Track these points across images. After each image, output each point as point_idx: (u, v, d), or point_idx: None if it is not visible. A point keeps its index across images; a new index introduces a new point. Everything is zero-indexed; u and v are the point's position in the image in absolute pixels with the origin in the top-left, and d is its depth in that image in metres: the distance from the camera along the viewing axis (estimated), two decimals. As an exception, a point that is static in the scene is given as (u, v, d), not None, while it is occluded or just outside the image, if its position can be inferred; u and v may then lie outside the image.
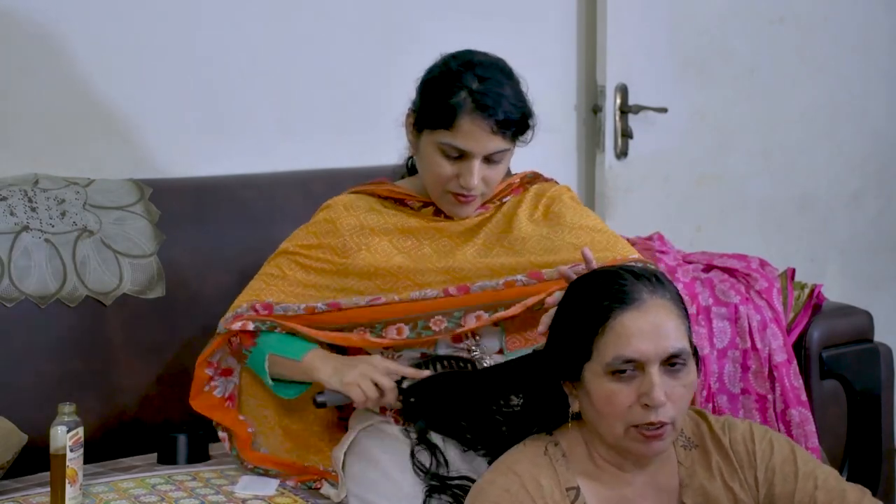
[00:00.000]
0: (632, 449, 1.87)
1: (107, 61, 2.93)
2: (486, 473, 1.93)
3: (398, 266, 2.36)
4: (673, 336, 1.85)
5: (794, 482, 1.92)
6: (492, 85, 2.26)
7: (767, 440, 1.96)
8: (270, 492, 2.34)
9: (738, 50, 3.81)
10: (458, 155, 2.28)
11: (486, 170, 2.30)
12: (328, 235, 2.41)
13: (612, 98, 3.56)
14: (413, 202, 2.42)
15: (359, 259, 2.37)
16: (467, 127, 2.25)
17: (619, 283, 1.89)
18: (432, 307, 2.28)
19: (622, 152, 3.60)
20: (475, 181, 2.29)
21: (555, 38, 3.60)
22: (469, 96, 2.24)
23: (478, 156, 2.27)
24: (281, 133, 3.18)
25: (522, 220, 2.42)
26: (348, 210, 2.42)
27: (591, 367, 1.87)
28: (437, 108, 2.27)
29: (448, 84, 2.27)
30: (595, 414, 1.88)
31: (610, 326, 1.85)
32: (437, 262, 2.36)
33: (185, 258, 2.76)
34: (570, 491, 1.89)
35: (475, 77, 2.26)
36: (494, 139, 2.27)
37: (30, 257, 2.57)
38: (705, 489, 1.94)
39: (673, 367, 1.85)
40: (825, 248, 4.06)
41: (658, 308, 1.87)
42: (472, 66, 2.28)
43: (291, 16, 3.17)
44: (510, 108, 2.27)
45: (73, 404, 2.19)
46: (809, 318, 2.90)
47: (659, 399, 1.82)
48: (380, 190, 2.44)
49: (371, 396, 2.20)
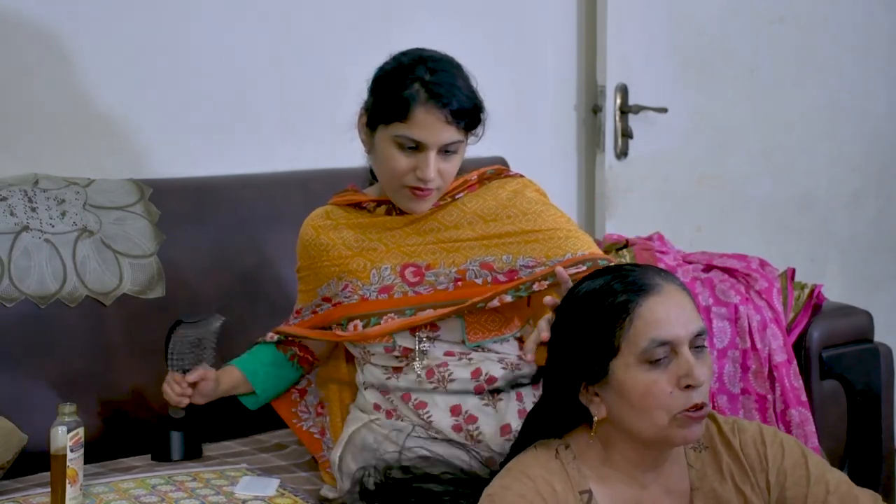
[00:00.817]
0: (674, 438, 1.84)
1: (107, 62, 2.93)
2: (497, 479, 1.90)
3: (354, 259, 2.40)
4: (694, 316, 1.86)
5: (805, 486, 1.90)
6: (443, 77, 2.28)
7: (778, 443, 1.95)
8: (270, 492, 2.34)
9: (738, 50, 3.81)
10: (413, 146, 2.29)
11: (442, 162, 2.31)
12: (304, 258, 2.49)
13: (612, 98, 3.56)
14: (368, 204, 2.44)
15: (324, 271, 2.44)
16: (422, 117, 2.26)
17: (629, 276, 1.87)
18: (391, 304, 2.35)
19: (622, 152, 3.60)
20: (432, 173, 2.29)
21: (555, 38, 3.60)
22: (422, 87, 2.26)
23: (433, 147, 2.28)
24: (281, 133, 3.18)
25: (467, 217, 2.41)
26: (309, 225, 2.48)
27: (621, 362, 1.84)
28: (390, 102, 2.29)
29: (400, 77, 2.29)
30: (632, 410, 1.85)
31: (637, 315, 1.83)
32: (389, 248, 2.40)
33: (185, 258, 2.76)
34: (583, 494, 1.87)
35: (427, 69, 2.28)
36: (449, 129, 2.28)
37: (30, 257, 2.57)
38: (717, 492, 1.92)
39: (698, 350, 1.85)
40: (825, 248, 4.06)
41: (675, 292, 1.86)
42: (423, 60, 2.31)
43: (291, 16, 3.17)
44: (463, 98, 2.28)
45: (73, 404, 2.18)
46: (809, 318, 2.90)
47: (700, 376, 1.81)
48: (339, 200, 2.49)
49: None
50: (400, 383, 2.33)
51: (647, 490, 1.91)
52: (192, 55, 3.04)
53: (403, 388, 2.33)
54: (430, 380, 2.31)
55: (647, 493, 1.91)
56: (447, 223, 2.40)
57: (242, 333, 2.75)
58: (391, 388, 2.34)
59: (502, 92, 3.37)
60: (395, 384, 2.34)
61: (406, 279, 2.36)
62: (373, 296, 2.36)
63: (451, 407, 2.29)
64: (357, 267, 2.39)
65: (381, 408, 2.35)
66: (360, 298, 2.37)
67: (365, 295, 2.36)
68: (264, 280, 2.83)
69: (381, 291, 2.36)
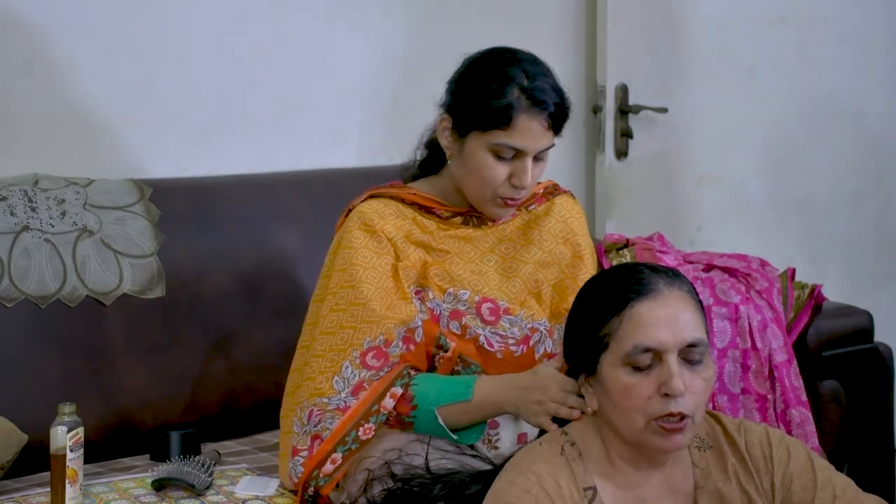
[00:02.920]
0: (651, 443, 1.85)
1: (107, 61, 2.93)
2: (503, 474, 1.90)
3: (431, 266, 2.33)
4: (691, 326, 1.85)
5: (812, 491, 1.90)
6: (539, 80, 2.23)
7: (785, 446, 1.95)
8: (270, 492, 2.34)
9: (738, 50, 3.81)
10: (511, 155, 2.24)
11: (534, 168, 2.27)
12: (374, 254, 2.28)
13: (612, 98, 3.56)
14: (441, 211, 2.36)
15: (406, 272, 2.30)
16: (525, 124, 2.21)
17: (635, 275, 1.88)
18: None
19: (622, 152, 3.60)
20: (529, 178, 2.26)
21: (555, 38, 3.60)
22: (522, 93, 2.21)
23: (532, 153, 2.24)
24: (281, 133, 3.18)
25: (548, 242, 2.40)
26: (382, 217, 2.31)
27: (608, 359, 1.86)
28: (488, 108, 2.22)
29: (498, 81, 2.22)
30: (613, 408, 1.87)
31: (627, 316, 1.84)
32: (465, 262, 2.34)
33: (185, 258, 2.76)
34: (588, 491, 1.87)
35: (523, 72, 2.23)
36: (547, 135, 2.25)
37: (30, 257, 2.57)
38: (721, 492, 1.92)
39: (691, 361, 1.84)
40: (825, 248, 4.06)
41: (675, 299, 1.86)
42: (516, 61, 2.25)
43: (291, 16, 3.17)
44: (559, 99, 2.25)
45: (73, 404, 2.18)
46: (809, 318, 2.90)
47: (678, 387, 1.80)
48: (405, 195, 2.36)
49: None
50: None
51: (651, 488, 1.91)
52: (192, 55, 3.04)
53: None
54: None
55: (651, 490, 1.91)
56: (525, 241, 2.38)
57: (242, 333, 2.76)
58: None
59: (502, 92, 3.37)
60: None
61: (481, 315, 2.30)
62: (445, 318, 2.28)
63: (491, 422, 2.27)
64: (433, 274, 2.31)
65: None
66: (430, 312, 2.29)
67: (434, 310, 2.28)
68: (264, 280, 2.83)
69: (451, 316, 2.29)
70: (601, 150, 3.60)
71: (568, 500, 1.84)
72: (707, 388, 1.86)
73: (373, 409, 2.20)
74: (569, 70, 3.63)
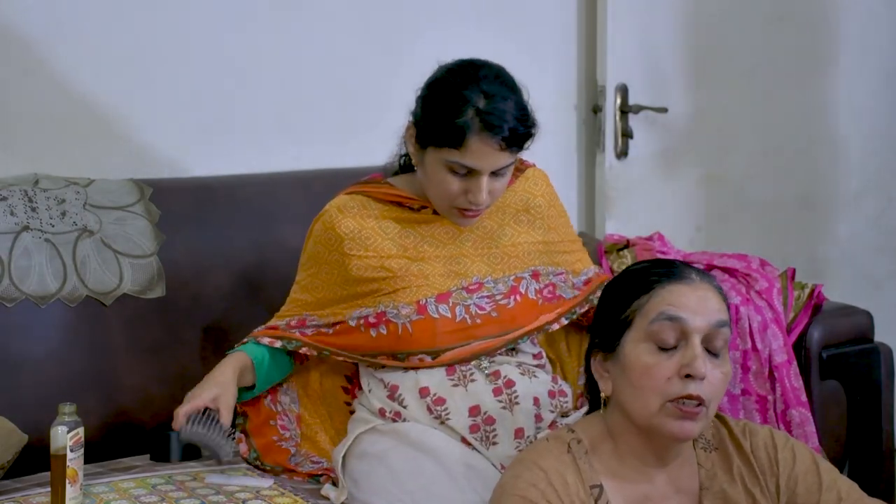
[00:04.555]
0: (664, 428, 1.84)
1: (107, 61, 2.93)
2: (509, 468, 1.91)
3: (401, 266, 2.37)
4: (718, 310, 1.86)
5: (817, 493, 1.91)
6: (497, 102, 2.24)
7: (789, 448, 1.95)
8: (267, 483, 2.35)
9: (738, 50, 3.80)
10: (465, 172, 2.27)
11: (493, 183, 2.30)
12: (326, 251, 2.41)
13: (612, 98, 3.56)
14: (411, 203, 2.41)
15: (361, 262, 2.38)
16: (476, 146, 2.24)
17: (669, 265, 1.91)
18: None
19: (622, 152, 3.60)
20: (484, 196, 2.29)
21: (555, 38, 3.60)
22: (476, 116, 2.23)
23: (486, 172, 2.27)
24: (281, 133, 3.18)
25: (510, 220, 2.46)
26: (343, 213, 2.40)
27: (631, 335, 1.87)
28: (443, 127, 2.24)
29: (454, 102, 2.24)
30: (630, 389, 1.86)
31: (656, 292, 1.86)
32: (439, 259, 2.38)
33: (185, 258, 2.76)
34: (594, 489, 1.88)
35: (481, 93, 2.24)
36: (502, 155, 2.26)
37: (30, 257, 2.57)
38: (726, 493, 1.92)
39: (713, 353, 1.85)
40: (825, 248, 4.06)
41: (706, 288, 1.88)
42: (477, 80, 2.26)
43: (292, 16, 3.17)
44: (516, 123, 2.25)
45: (73, 404, 2.18)
46: (809, 318, 2.90)
47: (700, 369, 1.81)
48: (375, 192, 2.42)
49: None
50: (420, 378, 2.33)
51: (657, 487, 1.91)
52: (192, 55, 3.04)
53: (423, 383, 2.32)
54: (450, 377, 2.32)
55: (657, 489, 1.91)
56: (494, 223, 2.43)
57: (242, 333, 2.75)
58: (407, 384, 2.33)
59: (502, 92, 3.37)
60: (413, 379, 2.33)
61: (466, 289, 2.36)
62: (431, 306, 2.34)
63: (471, 407, 2.29)
64: (407, 271, 2.36)
65: (387, 412, 2.34)
66: (417, 305, 2.33)
67: (421, 302, 2.34)
68: (264, 280, 2.83)
69: (439, 299, 2.34)
70: (601, 150, 3.60)
71: (574, 497, 1.84)
72: (724, 383, 1.87)
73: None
74: (569, 70, 3.63)
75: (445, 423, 2.29)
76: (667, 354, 1.83)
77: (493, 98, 2.24)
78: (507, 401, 2.30)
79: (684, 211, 3.76)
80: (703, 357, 1.82)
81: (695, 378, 1.82)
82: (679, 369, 1.82)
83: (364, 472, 2.30)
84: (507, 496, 1.84)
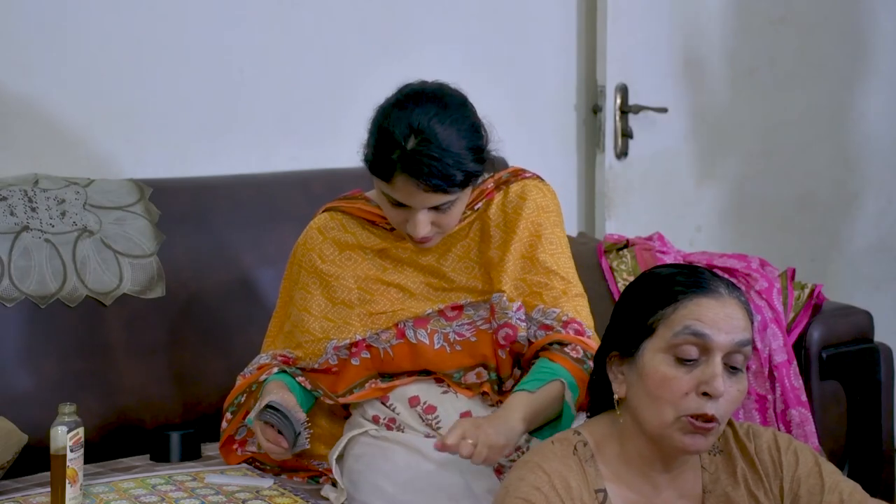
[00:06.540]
0: (674, 441, 1.83)
1: (107, 62, 2.93)
2: (513, 470, 1.90)
3: (378, 289, 2.34)
4: (743, 328, 1.84)
5: (819, 495, 1.90)
6: (426, 147, 2.12)
7: (793, 450, 1.94)
8: (268, 483, 2.35)
9: (738, 50, 3.81)
10: (400, 204, 2.20)
11: (437, 216, 2.20)
12: (307, 274, 2.36)
13: (612, 98, 3.56)
14: (384, 224, 2.34)
15: (339, 284, 2.34)
16: (401, 185, 2.14)
17: (698, 275, 1.87)
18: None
19: (622, 152, 3.60)
20: (421, 231, 2.20)
21: (555, 38, 3.60)
22: (402, 157, 2.12)
23: (419, 208, 2.18)
24: (281, 133, 3.18)
25: (495, 245, 2.32)
26: (323, 234, 2.35)
27: (653, 344, 1.84)
28: (375, 159, 2.18)
29: (386, 138, 2.16)
30: (645, 397, 1.85)
31: (683, 304, 1.83)
32: (416, 281, 2.34)
33: (185, 258, 2.76)
34: (598, 493, 1.87)
35: (414, 134, 2.13)
36: (434, 196, 2.15)
37: (30, 257, 2.57)
38: (729, 496, 1.92)
39: (733, 369, 1.83)
40: (825, 248, 4.06)
41: (735, 305, 1.85)
42: (413, 118, 2.14)
43: (291, 16, 3.17)
44: (444, 173, 2.12)
45: (73, 404, 2.18)
46: (809, 318, 2.90)
47: (719, 389, 1.79)
48: (352, 209, 2.37)
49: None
50: (409, 388, 2.32)
51: (660, 490, 1.91)
52: (192, 55, 3.04)
53: (412, 392, 2.31)
54: (439, 385, 2.31)
55: (660, 493, 1.91)
56: (469, 243, 2.33)
57: (242, 333, 2.75)
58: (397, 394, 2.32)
59: (502, 92, 3.37)
60: (402, 389, 2.32)
61: (445, 315, 2.31)
62: (409, 331, 2.30)
63: (462, 413, 2.27)
64: (386, 294, 2.33)
65: (381, 419, 2.34)
66: (396, 329, 2.30)
67: (400, 326, 2.30)
68: (264, 280, 2.83)
69: (417, 323, 2.30)
70: (601, 150, 3.60)
71: (577, 501, 1.84)
72: (739, 399, 1.85)
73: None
74: (569, 70, 3.63)
75: (437, 431, 2.27)
76: (686, 368, 1.82)
77: (425, 143, 2.12)
78: (499, 404, 2.29)
79: (684, 211, 3.77)
80: (722, 376, 1.81)
81: (712, 397, 1.81)
82: (697, 386, 1.81)
83: (360, 472, 2.29)
84: (511, 498, 1.83)
